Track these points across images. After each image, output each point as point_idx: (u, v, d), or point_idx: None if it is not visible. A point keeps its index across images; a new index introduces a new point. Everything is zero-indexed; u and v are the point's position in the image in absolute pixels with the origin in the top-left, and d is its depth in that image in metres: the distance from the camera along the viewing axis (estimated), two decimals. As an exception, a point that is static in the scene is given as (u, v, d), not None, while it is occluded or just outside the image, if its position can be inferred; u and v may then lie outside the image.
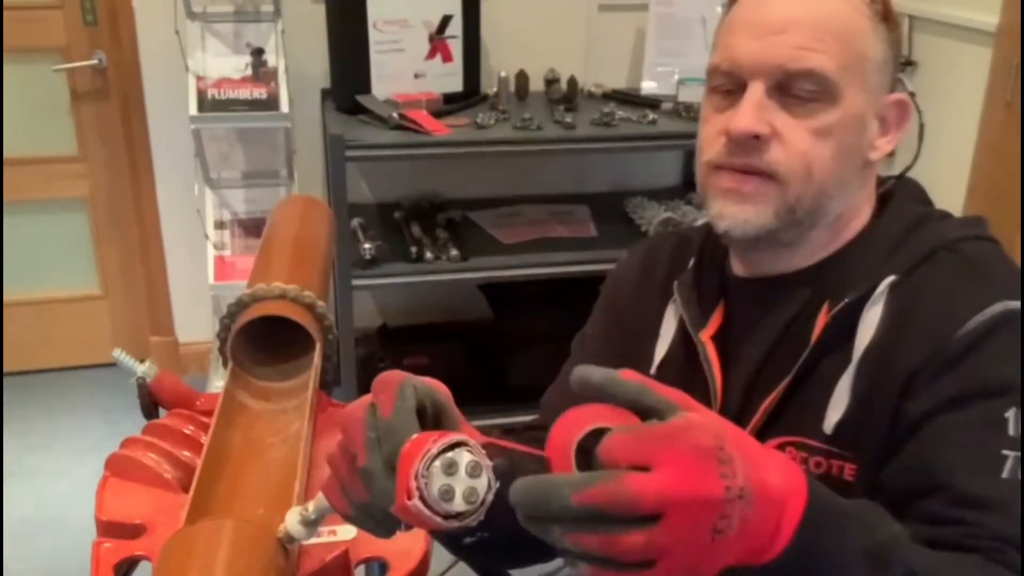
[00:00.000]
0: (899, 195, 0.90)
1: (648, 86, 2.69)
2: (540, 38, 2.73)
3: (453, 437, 0.54)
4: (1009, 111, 2.39)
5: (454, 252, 2.39)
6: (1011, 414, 0.72)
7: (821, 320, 0.83)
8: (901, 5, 2.47)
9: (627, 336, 1.01)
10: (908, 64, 2.62)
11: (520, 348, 2.66)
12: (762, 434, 0.85)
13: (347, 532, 0.87)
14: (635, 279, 1.04)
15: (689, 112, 2.49)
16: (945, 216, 0.88)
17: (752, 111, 0.80)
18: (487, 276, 2.52)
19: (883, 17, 0.83)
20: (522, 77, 2.61)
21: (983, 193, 2.46)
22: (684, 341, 0.94)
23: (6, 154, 2.59)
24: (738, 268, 0.93)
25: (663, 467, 0.51)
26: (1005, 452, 0.70)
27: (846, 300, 0.81)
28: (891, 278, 0.81)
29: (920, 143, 0.92)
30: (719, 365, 0.90)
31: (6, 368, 2.76)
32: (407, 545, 0.87)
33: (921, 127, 0.92)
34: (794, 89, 0.80)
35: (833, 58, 0.80)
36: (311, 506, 0.69)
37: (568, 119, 2.39)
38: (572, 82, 2.55)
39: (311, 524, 0.70)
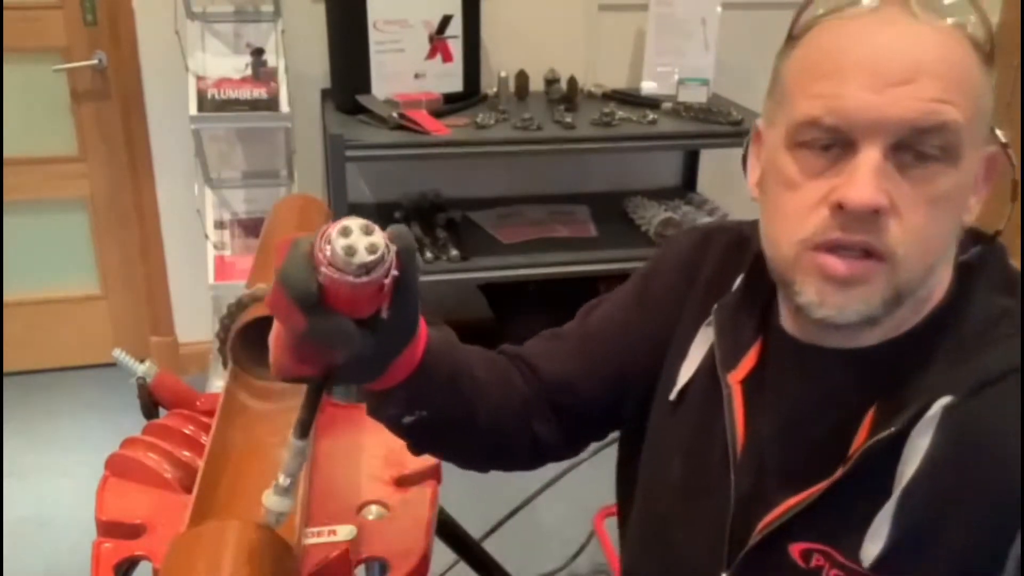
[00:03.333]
0: (982, 277, 0.76)
1: (648, 86, 2.70)
2: (540, 38, 2.73)
3: (346, 219, 0.58)
4: (1009, 111, 2.39)
5: (454, 252, 2.40)
6: None
7: (863, 430, 0.72)
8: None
9: (647, 341, 0.90)
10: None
11: (520, 348, 2.66)
12: (784, 532, 0.74)
13: (347, 532, 0.87)
14: (672, 281, 0.91)
15: (689, 112, 2.49)
16: None
17: (873, 179, 0.65)
18: (487, 276, 2.52)
19: (987, 60, 0.71)
20: (522, 77, 2.61)
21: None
22: (711, 372, 0.83)
23: (6, 154, 2.59)
24: (789, 323, 0.79)
25: None
26: None
27: (892, 429, 0.69)
28: (946, 400, 0.68)
29: (1015, 203, 0.76)
30: (743, 416, 0.79)
31: (6, 368, 2.76)
32: (407, 545, 0.87)
33: (1016, 183, 0.76)
34: (920, 147, 0.66)
35: (962, 112, 0.66)
36: (280, 476, 0.69)
37: (568, 119, 2.39)
38: (572, 82, 2.55)
39: (286, 492, 0.69)
